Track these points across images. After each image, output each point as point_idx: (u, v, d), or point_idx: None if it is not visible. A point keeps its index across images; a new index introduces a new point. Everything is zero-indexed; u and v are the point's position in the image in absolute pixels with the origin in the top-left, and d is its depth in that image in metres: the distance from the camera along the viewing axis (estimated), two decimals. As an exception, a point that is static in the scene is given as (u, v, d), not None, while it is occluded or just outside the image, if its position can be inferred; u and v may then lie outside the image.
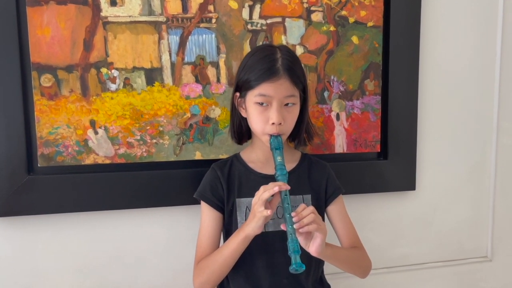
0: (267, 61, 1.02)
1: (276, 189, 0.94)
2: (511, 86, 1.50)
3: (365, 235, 1.40)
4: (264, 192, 0.95)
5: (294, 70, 1.04)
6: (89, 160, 1.17)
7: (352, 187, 1.34)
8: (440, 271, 1.50)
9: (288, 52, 1.06)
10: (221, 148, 1.24)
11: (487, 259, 1.55)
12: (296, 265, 0.89)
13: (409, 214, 1.46)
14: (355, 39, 1.31)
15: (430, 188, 1.46)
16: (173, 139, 1.21)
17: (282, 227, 0.94)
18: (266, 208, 0.95)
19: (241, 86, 1.07)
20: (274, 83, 1.01)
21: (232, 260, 1.02)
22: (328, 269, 1.17)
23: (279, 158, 1.00)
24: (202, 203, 1.11)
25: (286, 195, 0.95)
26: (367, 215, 1.42)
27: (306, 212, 0.93)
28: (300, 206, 0.95)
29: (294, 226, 0.92)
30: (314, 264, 1.10)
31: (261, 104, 1.03)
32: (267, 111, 1.03)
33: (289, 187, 0.96)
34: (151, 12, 1.17)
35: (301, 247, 0.93)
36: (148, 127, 1.19)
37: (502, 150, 1.52)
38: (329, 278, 1.20)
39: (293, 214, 0.93)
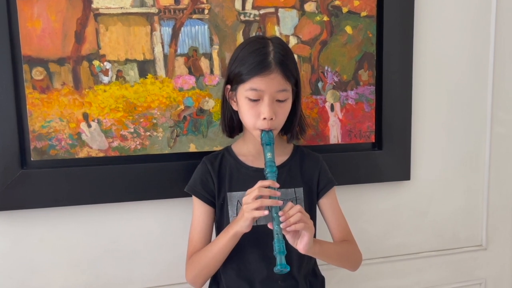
0: (259, 54, 1.00)
1: (280, 202, 0.93)
2: (505, 76, 1.50)
3: (361, 225, 1.41)
4: (264, 199, 0.93)
5: (287, 64, 1.02)
6: (82, 154, 1.16)
7: (347, 177, 1.34)
8: (436, 260, 1.51)
9: (281, 45, 1.04)
10: (215, 140, 1.24)
11: (482, 247, 1.56)
12: (280, 266, 0.89)
13: (404, 204, 1.47)
14: (348, 29, 1.30)
15: (425, 178, 1.47)
16: (167, 131, 1.21)
17: (269, 226, 0.94)
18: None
19: (232, 79, 1.05)
20: (266, 77, 1.00)
21: (222, 256, 1.03)
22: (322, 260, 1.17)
23: (269, 155, 0.99)
24: (193, 197, 1.11)
25: (277, 197, 0.95)
26: (362, 206, 1.42)
27: (293, 211, 0.93)
28: (287, 205, 0.95)
29: (281, 225, 0.92)
30: (306, 257, 1.09)
31: (253, 100, 1.01)
32: (259, 106, 1.01)
33: (278, 185, 0.95)
34: (143, 4, 1.16)
35: (288, 246, 0.93)
36: (141, 120, 1.19)
37: (496, 140, 1.52)
38: (324, 269, 1.21)
39: (280, 213, 0.92)
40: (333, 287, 1.36)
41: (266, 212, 0.93)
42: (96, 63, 1.15)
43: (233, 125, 1.13)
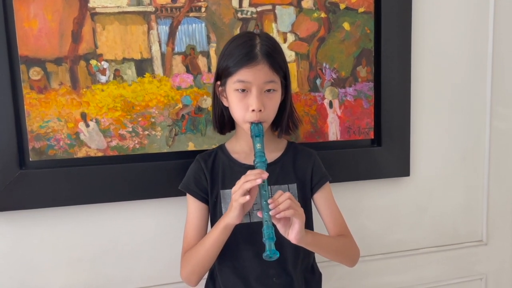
0: (245, 47, 1.01)
1: (259, 181, 0.92)
2: (503, 71, 1.49)
3: (360, 222, 1.41)
4: (246, 182, 0.93)
5: (273, 56, 1.02)
6: (81, 153, 1.16)
7: (346, 174, 1.34)
8: (436, 256, 1.51)
9: (267, 38, 1.05)
10: (213, 138, 1.24)
11: (482, 243, 1.56)
12: (270, 252, 0.89)
13: (404, 200, 1.46)
14: (346, 25, 1.30)
15: (424, 174, 1.46)
16: (166, 130, 1.21)
17: (259, 214, 0.94)
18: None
19: (221, 74, 1.05)
20: (253, 68, 1.00)
21: (215, 250, 1.02)
22: (321, 257, 1.17)
23: (258, 146, 0.99)
24: (188, 194, 1.11)
25: (263, 182, 0.94)
26: (362, 202, 1.42)
27: (282, 198, 0.93)
28: (277, 193, 0.94)
29: (270, 212, 0.91)
30: (302, 253, 1.09)
31: (241, 90, 1.01)
32: (247, 98, 1.01)
33: (267, 174, 0.95)
34: (139, 2, 1.16)
35: (278, 235, 0.92)
36: (140, 119, 1.19)
37: (496, 135, 1.52)
38: (323, 266, 1.21)
39: (269, 201, 0.92)
40: (333, 284, 1.36)
41: (248, 197, 0.92)
42: (93, 62, 1.14)
43: (223, 121, 1.12)
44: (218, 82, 1.08)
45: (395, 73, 1.36)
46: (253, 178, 0.93)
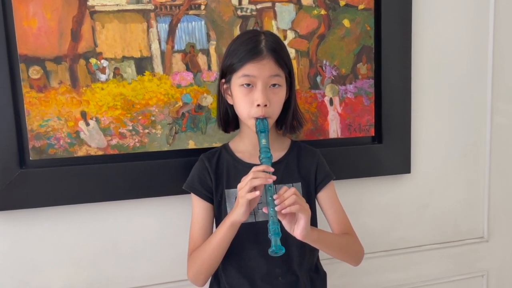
0: (250, 42, 1.02)
1: (270, 181, 0.92)
2: (504, 66, 1.49)
3: (362, 219, 1.41)
4: (255, 179, 0.93)
5: (278, 51, 1.02)
6: (81, 152, 1.16)
7: (347, 172, 1.34)
8: (437, 253, 1.51)
9: (272, 35, 1.06)
10: (214, 136, 1.23)
11: (483, 239, 1.56)
12: (275, 247, 0.88)
13: (405, 197, 1.46)
14: (346, 22, 1.30)
15: (425, 170, 1.46)
16: (166, 128, 1.20)
17: (264, 210, 0.93)
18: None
19: (225, 71, 1.05)
20: (258, 63, 1.00)
21: (221, 249, 1.02)
22: (325, 254, 1.17)
23: (263, 141, 0.99)
24: (192, 194, 1.11)
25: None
26: (363, 200, 1.42)
27: (287, 193, 0.92)
28: (282, 188, 0.94)
29: (276, 208, 0.91)
30: (308, 252, 1.09)
31: (246, 85, 1.01)
32: (252, 93, 1.01)
33: (272, 169, 0.95)
34: (138, 0, 1.15)
35: (283, 231, 0.92)
36: (140, 117, 1.18)
37: (497, 131, 1.52)
38: (326, 263, 1.20)
39: (275, 196, 0.92)
40: (335, 281, 1.36)
41: (258, 193, 0.92)
42: (93, 61, 1.14)
43: (228, 119, 1.12)
44: (223, 80, 1.07)
45: (396, 70, 1.36)
46: (262, 176, 0.93)
